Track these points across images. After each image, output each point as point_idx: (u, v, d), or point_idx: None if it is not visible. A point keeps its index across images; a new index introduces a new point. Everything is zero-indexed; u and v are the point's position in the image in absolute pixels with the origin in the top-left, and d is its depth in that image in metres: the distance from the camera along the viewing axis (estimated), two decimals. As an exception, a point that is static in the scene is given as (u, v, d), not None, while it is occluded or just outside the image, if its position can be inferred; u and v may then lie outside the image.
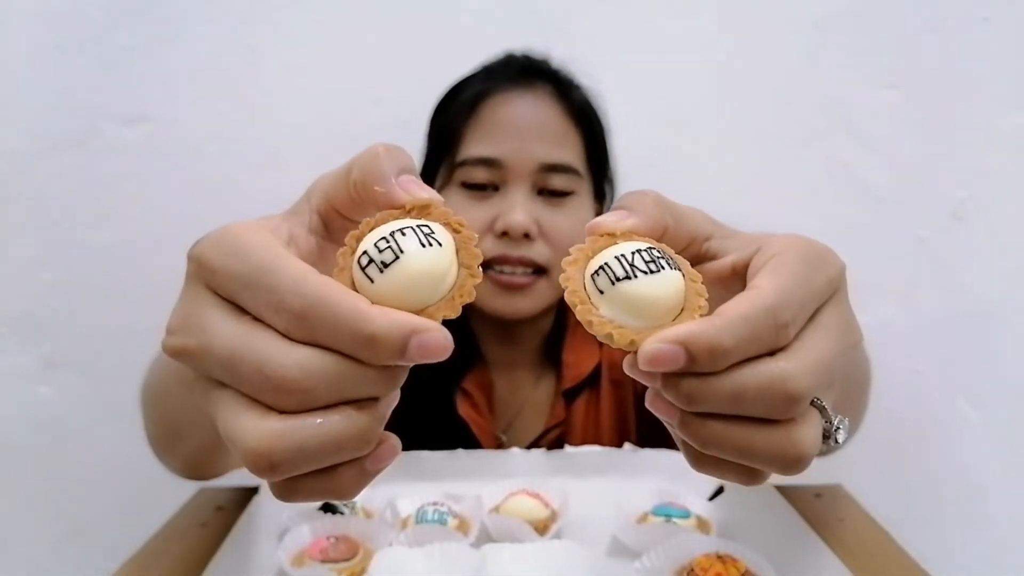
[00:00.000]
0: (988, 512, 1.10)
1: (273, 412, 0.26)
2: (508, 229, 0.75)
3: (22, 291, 1.03)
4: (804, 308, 0.30)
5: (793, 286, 0.29)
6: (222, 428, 0.27)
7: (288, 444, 0.26)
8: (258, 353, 0.26)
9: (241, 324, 0.27)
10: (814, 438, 0.30)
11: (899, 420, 1.08)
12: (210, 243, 0.29)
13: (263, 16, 1.01)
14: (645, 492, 0.62)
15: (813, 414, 0.30)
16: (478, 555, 0.52)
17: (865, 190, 1.04)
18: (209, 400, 0.28)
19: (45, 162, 1.01)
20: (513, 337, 0.85)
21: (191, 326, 0.28)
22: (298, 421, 0.26)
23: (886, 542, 0.59)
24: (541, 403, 0.86)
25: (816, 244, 0.33)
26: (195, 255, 0.29)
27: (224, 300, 0.28)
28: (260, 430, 0.26)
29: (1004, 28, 1.02)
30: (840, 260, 0.33)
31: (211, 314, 0.28)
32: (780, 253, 0.31)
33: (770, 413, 0.28)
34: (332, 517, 0.58)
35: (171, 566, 0.55)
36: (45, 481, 1.06)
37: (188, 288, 0.30)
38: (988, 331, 1.07)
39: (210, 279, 0.28)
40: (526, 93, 0.81)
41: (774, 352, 0.28)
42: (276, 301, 0.26)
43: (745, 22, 1.02)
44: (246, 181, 1.03)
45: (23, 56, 0.99)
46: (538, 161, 0.78)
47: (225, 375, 0.27)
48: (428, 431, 0.69)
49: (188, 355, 0.28)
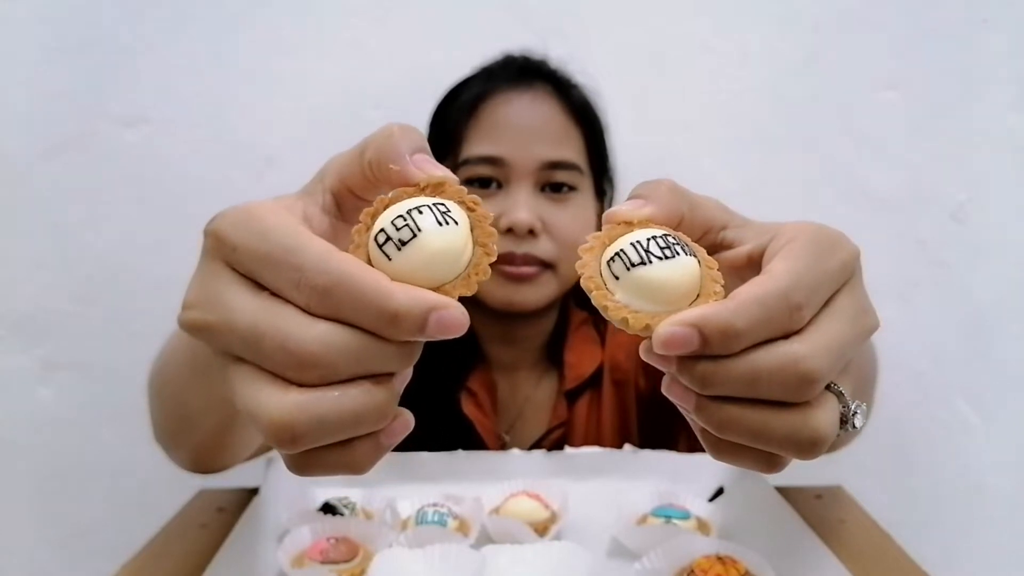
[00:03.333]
0: (988, 513, 1.10)
1: (294, 386, 0.27)
2: (513, 226, 0.76)
3: (22, 292, 1.03)
4: (818, 292, 0.29)
5: (806, 269, 0.29)
6: (242, 403, 0.28)
7: (310, 416, 0.26)
8: (280, 328, 0.26)
9: (261, 300, 0.27)
10: (831, 421, 0.29)
11: (899, 421, 1.08)
12: (229, 221, 0.29)
13: (263, 18, 1.01)
14: (645, 493, 0.62)
15: (829, 398, 0.30)
16: (478, 556, 0.52)
17: (865, 192, 1.04)
18: (227, 376, 0.28)
19: (45, 163, 1.01)
20: (515, 337, 0.86)
21: (210, 302, 0.28)
22: (319, 394, 0.26)
23: (886, 543, 0.59)
24: (542, 403, 0.86)
25: (829, 229, 0.33)
26: (214, 231, 0.29)
27: (243, 276, 0.28)
28: (282, 403, 0.26)
29: (1003, 30, 1.02)
30: (854, 245, 0.33)
31: (231, 290, 0.28)
32: (793, 239, 0.31)
33: (785, 395, 0.28)
34: (332, 519, 0.58)
35: (171, 567, 0.55)
36: (45, 482, 1.06)
37: (206, 264, 0.30)
38: (988, 333, 1.07)
39: (229, 256, 0.28)
40: (525, 93, 0.82)
41: (788, 336, 0.28)
42: (299, 278, 0.27)
43: (744, 24, 1.03)
44: (245, 183, 1.03)
45: (23, 57, 0.99)
46: (540, 159, 0.78)
47: (246, 350, 0.27)
48: (433, 430, 0.69)
49: (208, 330, 0.28)
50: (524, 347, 0.87)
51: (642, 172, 1.10)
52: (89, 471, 1.05)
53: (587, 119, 0.84)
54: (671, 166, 1.04)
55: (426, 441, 0.66)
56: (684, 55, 1.03)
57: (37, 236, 1.03)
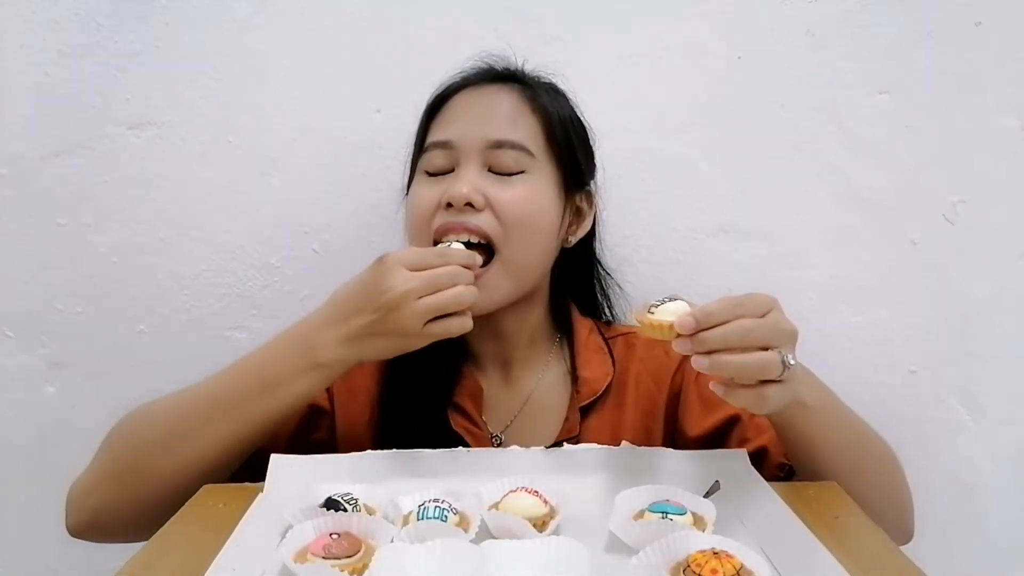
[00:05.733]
0: (980, 511, 1.11)
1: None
2: (451, 199, 0.77)
3: (28, 292, 1.04)
4: (747, 305, 0.61)
5: (738, 296, 0.62)
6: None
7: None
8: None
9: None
10: (775, 360, 0.60)
11: (892, 420, 1.08)
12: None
13: (266, 23, 1.02)
14: (642, 489, 0.63)
15: (773, 353, 0.60)
16: (478, 551, 0.53)
17: (858, 194, 1.05)
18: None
19: (51, 165, 1.02)
20: (500, 332, 0.86)
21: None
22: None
23: (880, 539, 0.59)
24: (550, 406, 0.86)
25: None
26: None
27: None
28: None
29: (996, 32, 1.02)
30: (772, 298, 0.64)
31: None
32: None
33: (743, 345, 0.59)
34: (335, 514, 0.59)
35: (175, 563, 0.55)
36: (50, 480, 1.07)
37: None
38: (980, 333, 1.07)
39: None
40: (488, 88, 0.84)
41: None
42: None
43: (739, 29, 1.03)
44: (250, 185, 1.03)
45: (30, 61, 1.00)
46: (486, 138, 0.80)
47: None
48: (428, 447, 0.71)
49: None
50: (510, 342, 0.87)
51: (638, 175, 1.11)
52: (93, 470, 1.05)
53: (545, 109, 0.83)
54: (666, 169, 1.05)
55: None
56: (679, 59, 1.04)
57: (43, 237, 1.03)
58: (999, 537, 1.11)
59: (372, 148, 1.03)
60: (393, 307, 0.68)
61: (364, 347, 0.70)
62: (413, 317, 0.68)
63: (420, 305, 0.68)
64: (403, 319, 0.68)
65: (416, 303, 0.68)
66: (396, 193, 0.93)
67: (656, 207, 1.05)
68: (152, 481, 0.65)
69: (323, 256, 1.05)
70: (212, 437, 0.70)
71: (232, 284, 1.05)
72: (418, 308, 0.68)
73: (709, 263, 1.06)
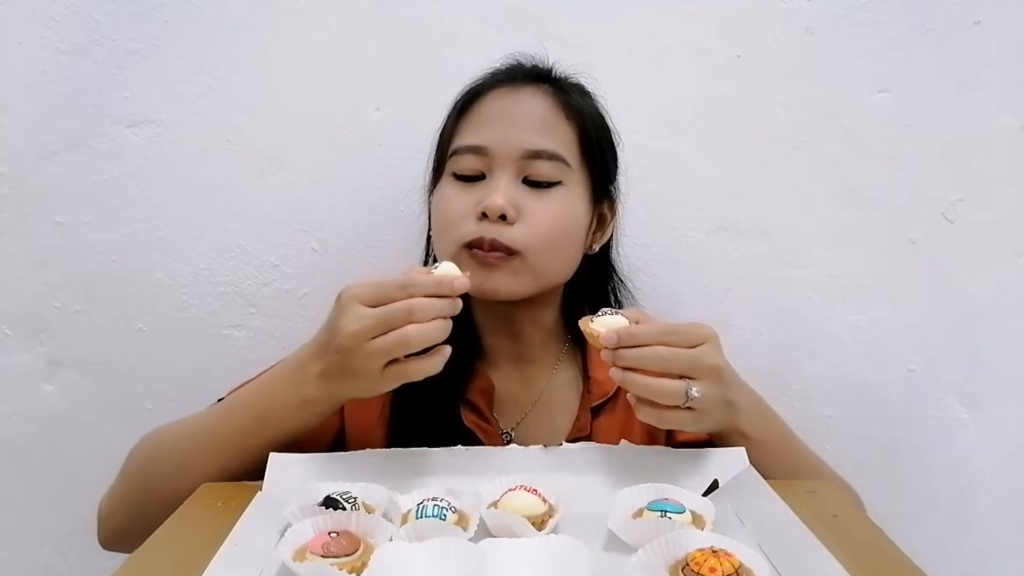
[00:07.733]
0: (979, 509, 1.11)
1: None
2: (486, 210, 0.76)
3: (28, 291, 1.04)
4: (670, 334, 0.66)
5: (668, 324, 0.68)
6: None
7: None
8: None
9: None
10: (679, 389, 0.64)
11: (891, 418, 1.09)
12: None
13: (266, 22, 1.02)
14: (641, 488, 0.63)
15: (679, 381, 0.65)
16: (477, 550, 0.53)
17: (857, 192, 1.05)
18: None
19: (50, 164, 1.02)
20: (514, 331, 0.86)
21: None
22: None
23: (879, 538, 0.59)
24: (563, 405, 0.87)
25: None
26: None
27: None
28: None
29: (995, 31, 1.03)
30: (711, 329, 0.69)
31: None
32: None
33: (657, 368, 0.64)
34: (333, 513, 0.58)
35: (174, 561, 0.55)
36: (49, 479, 1.07)
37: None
38: (979, 331, 1.08)
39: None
40: (521, 90, 0.82)
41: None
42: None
43: (738, 27, 1.03)
44: (249, 183, 1.03)
45: (28, 59, 1.00)
46: (522, 148, 0.78)
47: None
48: (440, 443, 0.71)
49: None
50: (524, 340, 0.87)
51: (638, 173, 1.11)
52: (93, 468, 1.05)
53: (581, 117, 0.82)
54: (665, 168, 1.05)
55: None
56: (679, 57, 1.04)
57: (42, 235, 1.03)
58: (998, 536, 1.11)
59: (371, 146, 1.03)
60: (347, 349, 0.64)
61: (342, 386, 0.67)
62: (367, 359, 0.64)
63: (372, 347, 0.63)
64: (358, 361, 0.64)
65: (368, 344, 0.63)
66: (396, 191, 0.93)
67: (655, 205, 1.05)
68: (166, 506, 0.65)
69: (322, 254, 1.05)
70: (215, 467, 0.71)
71: (231, 282, 1.05)
72: (370, 350, 0.63)
73: (708, 261, 1.06)
